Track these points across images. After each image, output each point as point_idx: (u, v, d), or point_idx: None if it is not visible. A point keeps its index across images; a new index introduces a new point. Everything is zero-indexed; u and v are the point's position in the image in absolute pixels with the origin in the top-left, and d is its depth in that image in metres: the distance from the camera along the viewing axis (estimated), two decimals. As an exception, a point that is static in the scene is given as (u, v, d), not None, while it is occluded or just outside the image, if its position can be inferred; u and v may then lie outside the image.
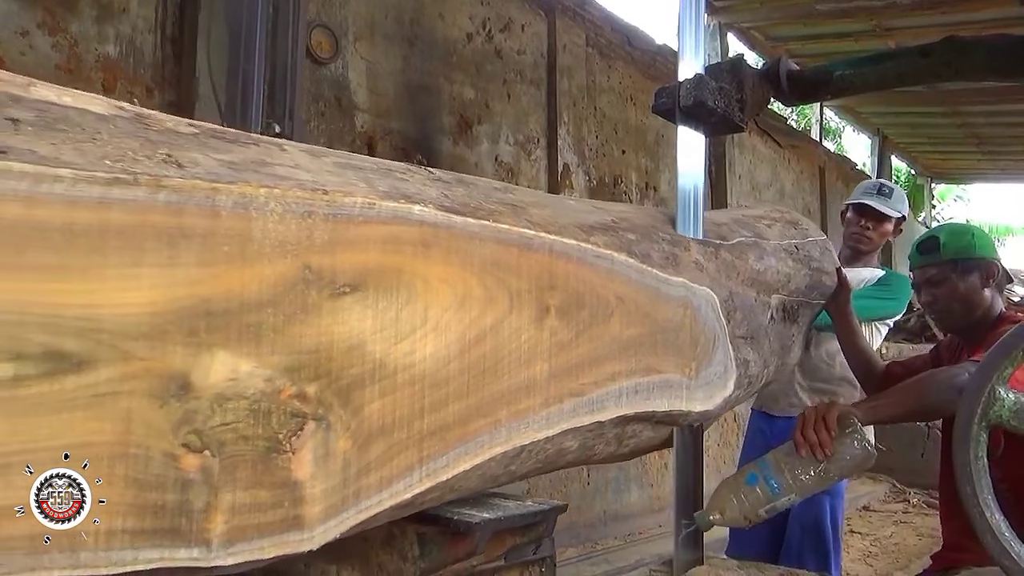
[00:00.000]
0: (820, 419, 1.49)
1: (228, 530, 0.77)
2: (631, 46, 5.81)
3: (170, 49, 2.97)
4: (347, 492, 0.88)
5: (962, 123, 9.33)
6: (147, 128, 0.80)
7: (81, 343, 0.67)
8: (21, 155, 0.65)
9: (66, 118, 0.74)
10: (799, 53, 7.09)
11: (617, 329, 1.27)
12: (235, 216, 0.78)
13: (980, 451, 1.23)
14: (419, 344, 0.95)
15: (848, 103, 9.32)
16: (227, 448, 0.77)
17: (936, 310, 2.00)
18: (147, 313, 0.71)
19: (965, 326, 1.97)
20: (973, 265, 1.92)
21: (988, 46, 1.65)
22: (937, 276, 1.95)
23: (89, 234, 0.68)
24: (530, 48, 4.92)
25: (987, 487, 1.22)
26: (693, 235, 1.57)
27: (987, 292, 1.93)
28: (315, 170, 0.92)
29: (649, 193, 5.92)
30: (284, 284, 0.82)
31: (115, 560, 0.69)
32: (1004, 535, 1.19)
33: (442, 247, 0.99)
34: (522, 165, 4.78)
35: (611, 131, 5.60)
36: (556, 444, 1.18)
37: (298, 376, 0.83)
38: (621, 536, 5.10)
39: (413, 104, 4.13)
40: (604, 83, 5.55)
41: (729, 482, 1.54)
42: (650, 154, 5.93)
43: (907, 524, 5.99)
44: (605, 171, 5.53)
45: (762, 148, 7.82)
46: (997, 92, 7.59)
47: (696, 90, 1.55)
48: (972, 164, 12.10)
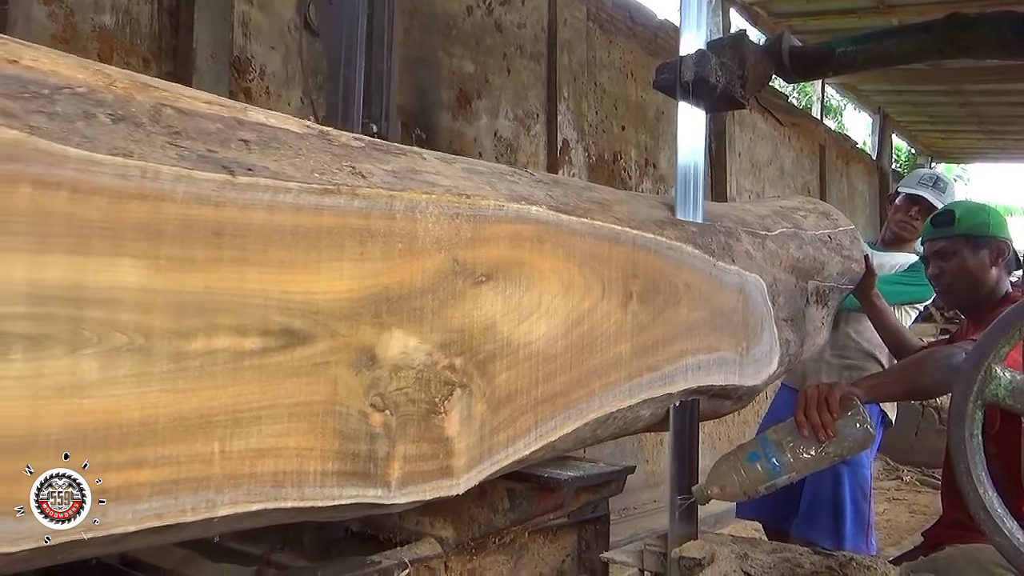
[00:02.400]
0: (823, 400, 1.48)
1: (402, 475, 0.94)
2: (632, 21, 5.73)
3: (167, 20, 2.95)
4: (483, 447, 1.05)
5: (964, 102, 9.31)
6: (330, 144, 0.96)
7: (304, 322, 0.84)
8: (261, 171, 0.81)
9: (276, 137, 0.90)
10: (801, 29, 7.04)
11: (685, 312, 1.44)
12: (405, 218, 0.94)
13: (975, 429, 1.22)
14: (535, 325, 1.12)
15: (850, 81, 9.32)
16: (401, 408, 0.94)
17: (942, 284, 2.02)
18: (346, 299, 0.88)
19: (969, 303, 2.00)
20: (984, 242, 1.93)
21: (992, 23, 1.60)
22: (947, 249, 1.96)
23: (309, 235, 0.84)
24: (530, 22, 4.84)
25: (981, 464, 1.21)
26: (692, 216, 1.58)
27: (994, 271, 1.94)
28: (451, 176, 1.09)
29: (648, 170, 5.88)
30: (439, 275, 0.98)
31: (327, 495, 0.86)
32: (997, 512, 1.18)
33: (552, 242, 1.16)
34: (521, 140, 4.75)
35: (611, 107, 5.52)
36: (634, 412, 1.35)
37: (449, 351, 1.00)
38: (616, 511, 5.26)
39: (412, 78, 4.07)
40: (605, 58, 5.47)
41: (729, 458, 1.54)
42: (650, 131, 5.86)
43: (900, 501, 6.06)
44: (605, 147, 5.47)
45: (762, 125, 7.75)
46: (999, 71, 7.57)
47: (698, 66, 1.53)
48: (972, 143, 12.07)
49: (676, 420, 1.53)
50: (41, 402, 0.65)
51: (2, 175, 0.62)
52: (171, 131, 0.78)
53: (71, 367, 0.66)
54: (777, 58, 1.76)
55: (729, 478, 1.50)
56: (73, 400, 0.66)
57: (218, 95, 0.94)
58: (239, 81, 3.24)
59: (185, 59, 3.03)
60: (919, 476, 6.60)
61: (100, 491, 0.68)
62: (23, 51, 0.72)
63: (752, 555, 1.48)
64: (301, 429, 0.84)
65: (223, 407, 0.77)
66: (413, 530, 1.55)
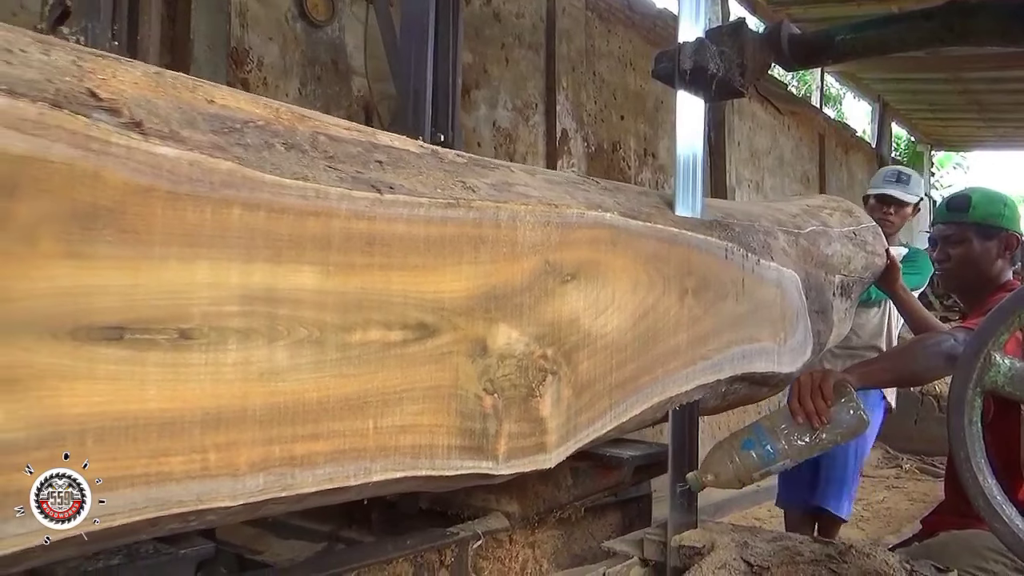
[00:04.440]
0: (816, 387, 1.48)
1: (507, 451, 1.08)
2: (631, 10, 5.71)
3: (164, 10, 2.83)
4: (569, 427, 1.19)
5: (963, 90, 9.29)
6: (441, 161, 1.10)
7: (434, 317, 0.98)
8: (400, 189, 0.95)
9: (402, 158, 1.03)
10: (801, 17, 7.00)
11: (731, 306, 1.58)
12: (509, 226, 1.08)
13: (974, 416, 1.22)
14: (610, 318, 1.26)
15: (849, 69, 9.29)
16: (506, 392, 1.08)
17: (945, 268, 2.03)
18: (464, 297, 1.02)
19: (968, 289, 2.03)
20: (995, 234, 1.94)
21: (993, 9, 1.57)
22: (957, 236, 1.97)
23: (437, 242, 0.98)
24: (529, 11, 4.80)
25: (980, 452, 1.22)
26: (692, 207, 1.57)
27: (999, 263, 1.96)
28: (537, 187, 1.22)
29: (648, 160, 5.86)
30: (534, 275, 1.12)
31: (451, 466, 1.01)
32: (996, 498, 1.19)
33: (623, 244, 1.30)
34: (520, 131, 4.74)
35: (610, 97, 5.51)
36: (688, 396, 1.50)
37: (543, 342, 1.14)
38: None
39: None
40: (603, 48, 5.45)
41: (723, 445, 1.53)
42: (649, 120, 5.83)
43: (899, 489, 6.04)
44: (604, 137, 5.45)
45: (762, 114, 7.71)
46: (999, 58, 7.56)
47: (696, 54, 1.52)
48: (972, 131, 12.01)
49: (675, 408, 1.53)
50: (249, 384, 0.79)
51: (220, 199, 0.76)
52: (327, 155, 0.92)
53: (268, 356, 0.80)
54: (776, 46, 1.73)
55: (723, 466, 1.50)
56: (270, 383, 0.80)
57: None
58: (236, 72, 3.24)
59: (183, 50, 3.03)
60: (918, 464, 6.57)
61: (289, 458, 0.82)
62: (214, 91, 0.86)
63: (752, 543, 1.48)
64: (432, 409, 0.98)
65: (375, 389, 0.91)
66: (480, 506, 1.70)
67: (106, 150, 0.68)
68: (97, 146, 0.68)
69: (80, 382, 0.67)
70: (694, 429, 1.60)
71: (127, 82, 0.76)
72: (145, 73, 0.79)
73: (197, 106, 0.81)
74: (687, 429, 1.57)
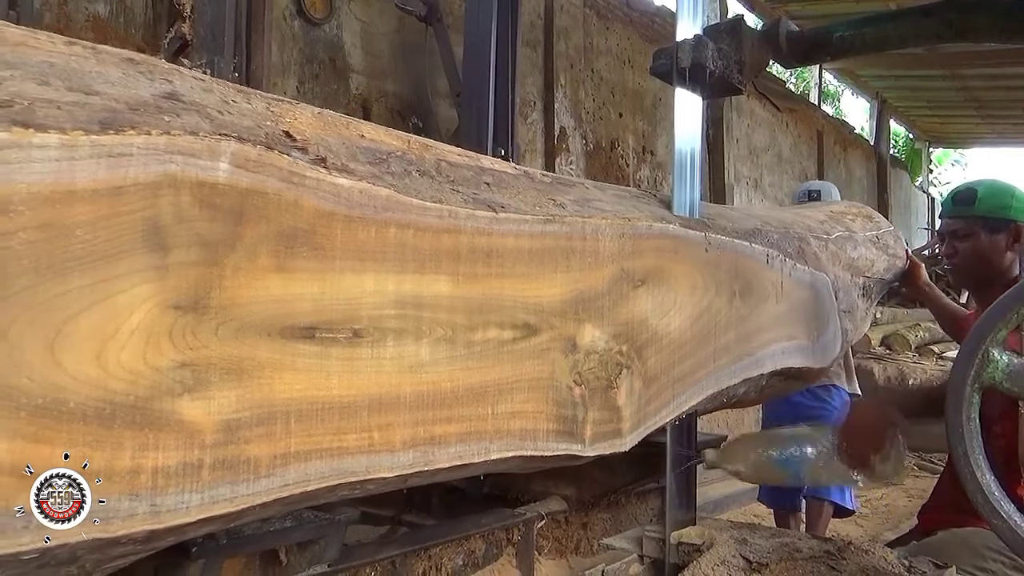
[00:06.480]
0: (875, 437, 1.45)
1: (592, 435, 1.23)
2: (629, 7, 5.77)
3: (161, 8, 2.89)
4: (640, 415, 1.34)
5: (961, 87, 9.39)
6: (532, 181, 1.25)
7: (536, 318, 1.13)
8: (509, 208, 1.10)
9: (503, 179, 1.18)
10: (799, 14, 7.08)
11: (772, 307, 1.73)
12: (592, 238, 1.23)
13: (973, 412, 1.22)
14: (672, 319, 1.41)
15: (847, 66, 9.38)
16: (590, 384, 1.23)
17: (954, 263, 2.02)
18: (559, 300, 1.17)
19: (978, 284, 2.00)
20: (1003, 226, 1.91)
21: (991, 6, 1.58)
22: (964, 230, 1.95)
23: (538, 254, 1.13)
24: (527, 8, 4.79)
25: (979, 448, 1.22)
26: (689, 206, 1.58)
27: (1009, 255, 1.92)
28: (609, 201, 1.37)
29: (646, 157, 5.90)
30: (612, 281, 1.27)
31: (550, 448, 1.16)
32: (994, 495, 1.20)
33: (683, 252, 1.45)
34: (519, 129, 4.67)
35: (608, 94, 5.56)
36: (735, 389, 1.65)
37: (619, 339, 1.29)
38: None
39: (408, 66, 4.03)
40: (602, 45, 5.49)
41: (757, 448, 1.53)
42: (647, 118, 5.87)
43: (898, 486, 5.89)
44: (602, 135, 5.49)
45: (760, 111, 7.77)
46: (997, 55, 7.61)
47: (695, 52, 1.53)
48: (970, 128, 12.13)
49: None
50: (402, 376, 0.94)
51: (381, 220, 0.91)
52: (449, 180, 1.07)
53: (415, 352, 0.95)
54: (775, 43, 1.74)
55: (747, 462, 1.53)
56: (417, 374, 0.96)
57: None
58: (236, 71, 3.31)
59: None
60: (917, 461, 6.54)
61: (430, 438, 0.97)
62: (361, 126, 1.01)
63: (751, 540, 1.50)
64: (535, 398, 1.13)
65: (493, 380, 1.06)
66: (540, 490, 1.85)
67: (303, 183, 0.83)
68: (297, 179, 0.83)
69: (286, 372, 0.82)
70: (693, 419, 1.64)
71: (304, 123, 0.91)
72: (312, 114, 0.95)
73: (353, 140, 0.96)
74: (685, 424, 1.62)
